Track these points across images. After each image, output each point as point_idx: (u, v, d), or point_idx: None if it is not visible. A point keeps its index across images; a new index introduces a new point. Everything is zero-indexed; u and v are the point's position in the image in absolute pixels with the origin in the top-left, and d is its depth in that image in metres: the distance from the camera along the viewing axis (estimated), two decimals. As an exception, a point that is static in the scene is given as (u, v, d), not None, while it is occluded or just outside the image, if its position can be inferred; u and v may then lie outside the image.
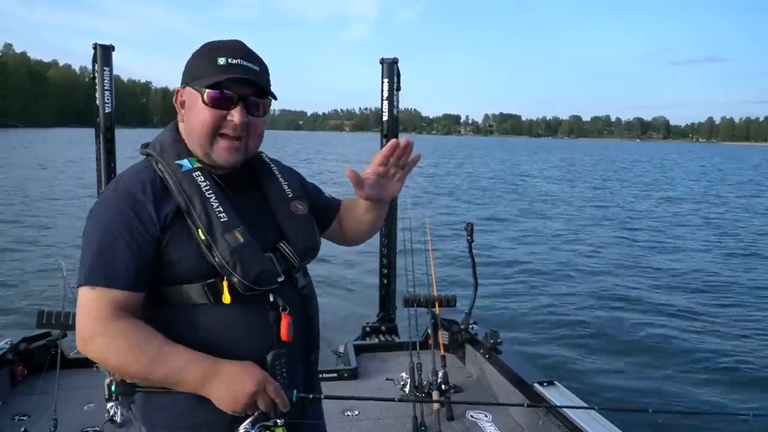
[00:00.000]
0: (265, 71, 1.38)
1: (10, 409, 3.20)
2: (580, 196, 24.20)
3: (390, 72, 4.45)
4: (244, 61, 1.32)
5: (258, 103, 1.35)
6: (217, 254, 1.27)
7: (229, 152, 1.33)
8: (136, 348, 1.20)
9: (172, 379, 1.21)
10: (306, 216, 1.48)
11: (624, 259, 11.59)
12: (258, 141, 1.40)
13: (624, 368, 6.16)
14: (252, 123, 1.34)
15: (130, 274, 1.24)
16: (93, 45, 4.15)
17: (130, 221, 1.26)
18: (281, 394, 1.25)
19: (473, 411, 3.35)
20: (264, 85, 1.35)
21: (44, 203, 16.73)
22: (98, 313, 1.22)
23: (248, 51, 1.35)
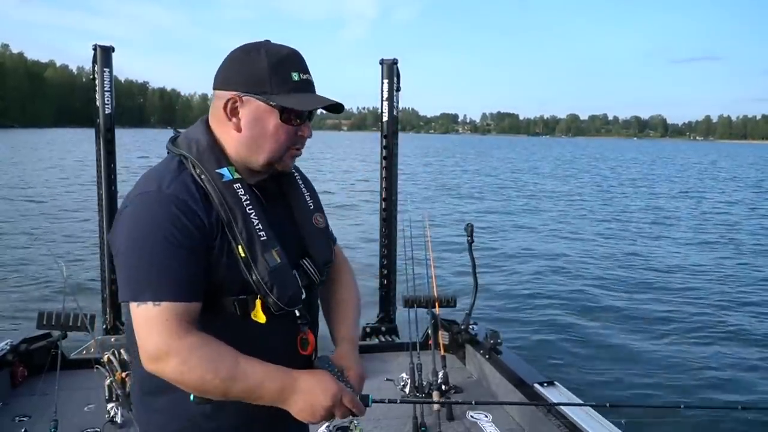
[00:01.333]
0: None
1: (10, 410, 3.21)
2: (578, 195, 24.23)
3: (390, 73, 4.45)
4: (309, 75, 1.33)
5: (313, 118, 1.39)
6: (255, 273, 1.25)
7: (291, 161, 1.38)
8: (213, 364, 1.16)
9: (251, 395, 1.20)
10: (325, 230, 1.47)
11: (624, 259, 11.61)
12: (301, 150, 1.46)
13: (623, 367, 6.16)
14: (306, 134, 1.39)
15: (194, 286, 1.20)
16: (93, 46, 4.16)
17: (187, 228, 1.20)
18: (358, 404, 1.27)
19: (473, 411, 3.36)
20: (339, 106, 1.36)
21: (45, 204, 16.71)
22: (169, 330, 1.16)
23: (305, 61, 1.34)
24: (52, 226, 13.27)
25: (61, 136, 69.18)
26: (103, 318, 4.29)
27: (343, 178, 28.90)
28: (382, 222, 4.62)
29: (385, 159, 4.55)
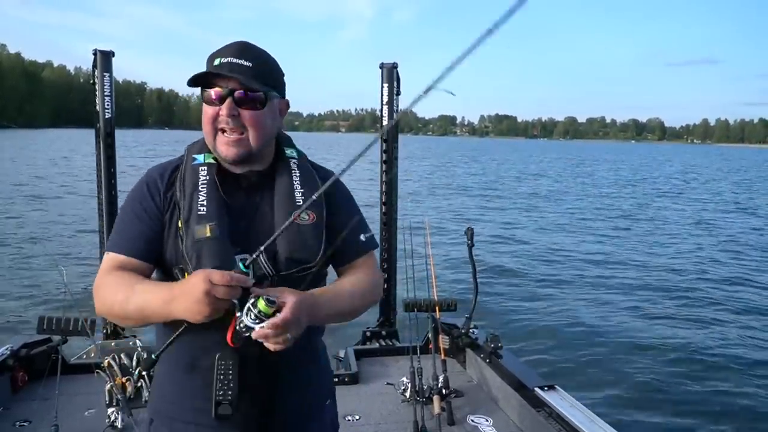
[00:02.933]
0: (260, 66, 1.39)
1: (11, 415, 3.20)
2: (579, 199, 24.26)
3: (390, 77, 4.45)
4: (234, 58, 1.36)
5: (247, 97, 1.36)
6: (185, 243, 1.36)
7: (227, 147, 1.38)
8: (115, 288, 1.33)
9: (143, 312, 1.30)
10: (308, 227, 1.41)
11: (626, 264, 11.61)
12: (260, 134, 1.39)
13: (625, 372, 6.16)
14: (245, 116, 1.37)
15: (132, 242, 1.39)
16: (93, 51, 4.15)
17: (142, 197, 1.42)
18: (229, 275, 1.19)
19: (474, 415, 3.36)
20: (240, 77, 1.34)
21: (45, 207, 16.65)
22: (101, 272, 1.38)
23: (243, 48, 1.39)
24: (53, 230, 13.23)
25: (59, 137, 68.99)
26: (103, 323, 4.29)
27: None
28: (382, 226, 4.61)
29: (384, 163, 4.55)
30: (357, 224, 1.50)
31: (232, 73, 1.35)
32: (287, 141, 1.56)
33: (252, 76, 1.36)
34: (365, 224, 1.54)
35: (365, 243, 1.52)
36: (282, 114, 1.49)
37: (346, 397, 3.59)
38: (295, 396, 1.46)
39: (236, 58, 1.36)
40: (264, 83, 1.38)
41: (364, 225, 1.54)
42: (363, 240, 1.51)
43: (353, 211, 1.53)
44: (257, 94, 1.37)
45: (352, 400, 3.57)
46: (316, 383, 1.54)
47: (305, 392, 1.50)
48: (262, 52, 1.42)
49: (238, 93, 1.36)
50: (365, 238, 1.52)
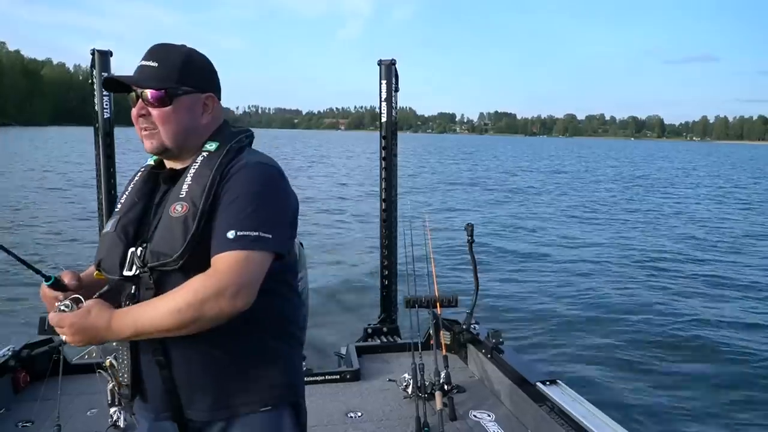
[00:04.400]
0: (167, 66, 1.43)
1: (13, 415, 3.20)
2: (580, 195, 24.27)
3: (388, 73, 4.46)
4: (144, 60, 1.45)
5: (151, 96, 1.42)
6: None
7: (145, 142, 1.47)
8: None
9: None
10: (178, 219, 1.35)
11: (629, 259, 11.60)
12: (169, 130, 1.44)
13: (628, 366, 6.16)
14: (153, 114, 1.43)
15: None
16: (91, 51, 4.15)
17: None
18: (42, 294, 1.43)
19: (476, 411, 3.37)
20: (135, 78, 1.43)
21: (45, 205, 16.65)
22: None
23: (154, 50, 1.46)
24: (53, 229, 13.21)
25: (58, 135, 69.00)
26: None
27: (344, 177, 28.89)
28: (382, 222, 4.62)
29: (384, 159, 4.55)
30: (234, 220, 1.32)
31: (135, 76, 1.43)
32: (220, 135, 1.50)
33: (156, 75, 1.42)
34: (249, 223, 1.32)
35: (229, 241, 1.30)
36: (206, 109, 1.49)
37: (347, 394, 3.60)
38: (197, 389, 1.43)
39: (145, 60, 1.45)
40: (174, 81, 1.43)
41: (244, 222, 1.31)
42: (229, 237, 1.30)
43: (244, 204, 1.34)
44: (158, 92, 1.42)
45: (354, 396, 3.57)
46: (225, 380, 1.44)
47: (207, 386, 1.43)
48: (174, 52, 1.47)
49: (137, 93, 1.44)
50: (234, 236, 1.30)
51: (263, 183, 1.39)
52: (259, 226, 1.33)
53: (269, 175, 1.42)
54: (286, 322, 1.53)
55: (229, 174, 1.39)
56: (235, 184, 1.37)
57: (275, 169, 1.46)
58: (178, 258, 1.34)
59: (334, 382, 3.73)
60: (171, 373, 1.42)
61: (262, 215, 1.34)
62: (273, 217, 1.37)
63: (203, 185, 1.38)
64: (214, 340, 1.38)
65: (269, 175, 1.42)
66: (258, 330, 1.45)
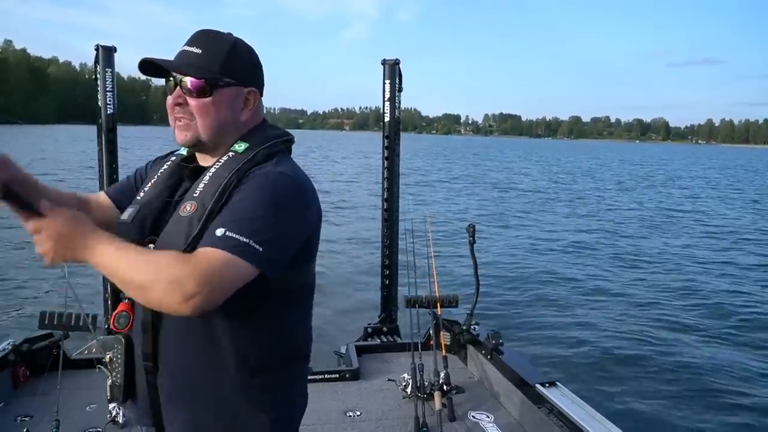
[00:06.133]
0: (211, 54, 1.34)
1: (12, 410, 3.21)
2: (581, 196, 24.23)
3: (392, 73, 4.45)
4: (187, 46, 1.36)
5: (191, 85, 1.33)
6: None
7: (177, 133, 1.39)
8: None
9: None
10: (185, 219, 1.29)
11: (629, 261, 11.59)
12: (207, 122, 1.35)
13: (627, 369, 6.16)
14: (191, 104, 1.35)
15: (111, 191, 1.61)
16: (95, 46, 4.15)
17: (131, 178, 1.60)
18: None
19: (475, 412, 3.36)
20: (177, 64, 1.34)
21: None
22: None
23: (199, 36, 1.37)
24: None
25: (64, 133, 69.20)
26: (105, 318, 4.30)
27: (346, 177, 28.93)
28: (384, 222, 4.62)
29: (386, 159, 4.55)
30: (229, 220, 1.23)
31: (176, 61, 1.35)
32: (254, 135, 1.41)
33: (198, 63, 1.33)
34: (243, 227, 1.21)
35: (215, 238, 1.20)
36: (247, 104, 1.40)
37: (347, 393, 3.60)
38: (174, 405, 1.39)
39: (189, 45, 1.36)
40: (217, 71, 1.34)
41: (238, 225, 1.21)
42: (217, 234, 1.21)
43: (247, 208, 1.25)
44: (198, 81, 1.33)
45: (353, 396, 3.57)
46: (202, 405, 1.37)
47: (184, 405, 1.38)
48: (219, 40, 1.37)
49: (175, 80, 1.35)
50: (222, 234, 1.20)
51: (275, 193, 1.27)
52: (253, 234, 1.20)
53: (286, 187, 1.29)
54: (287, 348, 1.42)
55: (247, 178, 1.30)
56: (248, 187, 1.28)
57: (297, 182, 1.32)
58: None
59: (334, 381, 3.73)
60: (155, 382, 1.38)
61: (259, 224, 1.22)
62: (272, 230, 1.23)
63: (216, 187, 1.30)
64: (211, 355, 1.32)
65: (286, 186, 1.29)
66: (252, 356, 1.35)
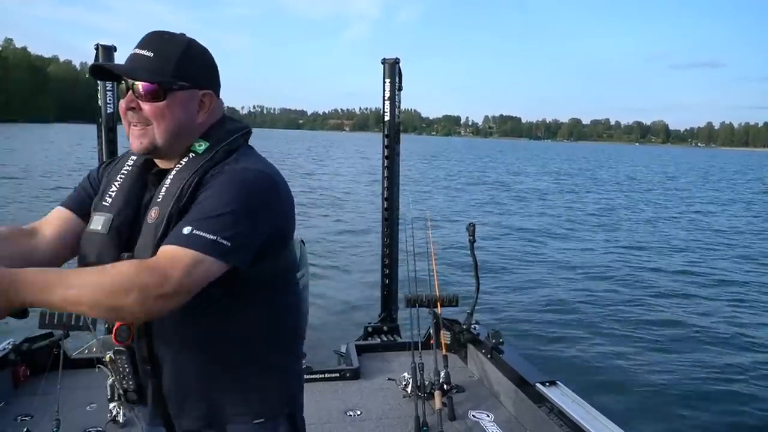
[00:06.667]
0: (164, 56, 1.30)
1: (12, 409, 3.20)
2: (576, 196, 24.24)
3: (392, 72, 4.45)
4: (138, 49, 1.32)
5: (143, 89, 1.29)
6: (84, 231, 1.37)
7: (132, 139, 1.34)
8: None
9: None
10: (151, 226, 1.28)
11: (630, 261, 11.59)
12: (162, 127, 1.31)
13: (628, 368, 6.14)
14: (145, 109, 1.30)
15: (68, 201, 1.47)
16: (95, 46, 4.14)
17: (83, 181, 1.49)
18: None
19: (475, 411, 3.36)
20: (119, 69, 1.31)
21: (48, 201, 16.70)
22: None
23: (150, 38, 1.33)
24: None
25: (64, 132, 69.22)
26: (106, 318, 4.29)
27: (346, 175, 28.95)
28: (384, 221, 4.62)
29: (387, 158, 4.55)
30: (195, 218, 1.22)
31: (127, 65, 1.31)
32: (213, 134, 1.39)
33: (149, 67, 1.29)
34: (209, 224, 1.20)
35: (181, 236, 1.19)
36: (203, 107, 1.37)
37: (347, 392, 3.60)
38: (187, 399, 1.40)
39: (140, 48, 1.32)
40: (170, 74, 1.30)
41: (204, 223, 1.20)
42: (183, 233, 1.19)
43: (213, 206, 1.23)
44: (151, 85, 1.29)
45: (354, 395, 3.57)
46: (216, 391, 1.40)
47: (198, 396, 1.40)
48: (172, 42, 1.33)
49: (136, 85, 1.30)
50: (189, 232, 1.19)
51: (241, 188, 1.26)
52: (220, 230, 1.19)
53: (252, 181, 1.29)
54: (285, 333, 1.46)
55: (210, 178, 1.29)
56: (214, 185, 1.27)
57: (264, 174, 1.32)
58: None
59: (334, 380, 3.73)
60: (160, 382, 1.39)
61: (226, 220, 1.21)
62: (239, 224, 1.22)
63: (176, 189, 1.28)
64: (207, 351, 1.35)
65: (253, 180, 1.29)
66: (254, 341, 1.40)
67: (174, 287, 1.14)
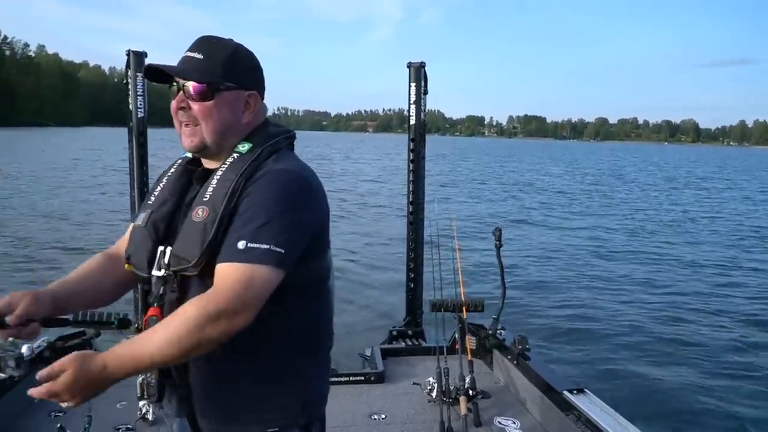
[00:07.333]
0: (212, 59, 1.38)
1: (46, 405, 3.27)
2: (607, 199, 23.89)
3: (417, 76, 4.45)
4: (188, 51, 1.40)
5: (193, 90, 1.37)
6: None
7: (184, 138, 1.41)
8: None
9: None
10: (198, 224, 1.32)
11: (662, 265, 11.37)
12: (210, 126, 1.38)
13: (660, 377, 6.00)
14: (194, 109, 1.38)
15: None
16: (126, 52, 4.23)
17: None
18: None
19: (501, 417, 3.33)
20: (171, 70, 1.39)
21: (79, 202, 17.06)
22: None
23: (200, 42, 1.41)
24: (86, 225, 13.52)
25: (94, 135, 70.66)
26: (135, 317, 4.38)
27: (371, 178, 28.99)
28: (409, 225, 4.61)
29: (412, 162, 4.54)
30: (246, 229, 1.26)
31: (179, 67, 1.39)
32: (257, 135, 1.44)
33: (199, 68, 1.37)
34: (261, 234, 1.25)
35: (237, 252, 1.24)
36: (248, 107, 1.43)
37: (372, 395, 3.60)
38: (209, 399, 1.43)
39: (191, 51, 1.40)
40: (218, 75, 1.38)
41: (258, 234, 1.25)
42: (239, 248, 1.24)
43: (261, 213, 1.28)
44: (200, 85, 1.37)
45: (378, 399, 3.57)
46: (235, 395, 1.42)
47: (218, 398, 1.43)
48: (221, 45, 1.41)
49: (186, 86, 1.38)
50: (244, 246, 1.24)
51: (283, 192, 1.31)
52: (271, 238, 1.25)
53: (292, 183, 1.33)
54: (312, 341, 1.48)
55: (253, 179, 1.33)
56: (254, 191, 1.31)
57: (301, 176, 1.36)
58: (196, 264, 1.30)
59: (359, 383, 3.74)
60: (187, 380, 1.42)
61: (275, 227, 1.26)
62: (288, 230, 1.28)
63: (226, 190, 1.33)
64: (230, 355, 1.36)
65: (292, 183, 1.33)
66: (278, 348, 1.41)
67: (241, 304, 1.21)
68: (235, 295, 1.21)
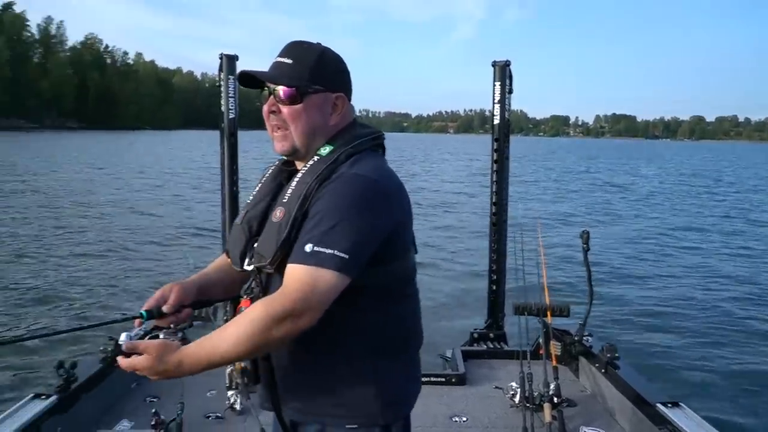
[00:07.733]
0: (301, 63, 1.42)
1: (143, 390, 3.48)
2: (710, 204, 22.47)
3: (502, 75, 4.36)
4: (279, 57, 1.45)
5: (283, 94, 1.41)
6: None
7: (275, 142, 1.47)
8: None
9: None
10: (275, 224, 1.37)
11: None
12: (299, 129, 1.43)
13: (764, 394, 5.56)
14: (284, 112, 1.43)
15: None
16: (219, 56, 4.41)
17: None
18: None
19: (588, 427, 3.20)
20: (270, 74, 1.43)
21: (173, 202, 18.05)
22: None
23: (290, 47, 1.46)
24: (184, 221, 14.24)
25: (188, 138, 74.63)
26: (224, 307, 4.56)
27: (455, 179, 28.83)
28: (492, 227, 4.53)
29: (496, 162, 4.46)
30: (314, 233, 1.30)
31: (270, 72, 1.43)
32: (341, 137, 1.46)
33: (289, 73, 1.41)
34: (331, 238, 1.29)
35: (305, 255, 1.29)
36: (336, 109, 1.46)
37: (453, 397, 3.57)
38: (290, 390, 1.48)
39: (281, 56, 1.45)
40: (306, 79, 1.41)
41: (325, 238, 1.29)
42: (306, 251, 1.29)
43: (329, 218, 1.31)
44: (290, 90, 1.41)
45: (459, 401, 3.53)
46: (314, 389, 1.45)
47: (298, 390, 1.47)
48: (309, 50, 1.45)
49: (268, 89, 1.44)
50: (311, 250, 1.28)
51: (351, 197, 1.32)
52: (336, 243, 1.28)
53: (362, 189, 1.34)
54: (396, 342, 1.48)
55: (327, 183, 1.36)
56: (326, 195, 1.34)
57: (372, 181, 1.36)
58: (272, 262, 1.37)
59: (440, 384, 3.71)
60: (272, 370, 1.47)
61: (342, 232, 1.29)
62: (354, 236, 1.30)
63: (301, 192, 1.37)
64: (309, 350, 1.41)
65: (362, 188, 1.34)
66: (361, 349, 1.43)
67: (306, 306, 1.27)
68: (301, 296, 1.26)
